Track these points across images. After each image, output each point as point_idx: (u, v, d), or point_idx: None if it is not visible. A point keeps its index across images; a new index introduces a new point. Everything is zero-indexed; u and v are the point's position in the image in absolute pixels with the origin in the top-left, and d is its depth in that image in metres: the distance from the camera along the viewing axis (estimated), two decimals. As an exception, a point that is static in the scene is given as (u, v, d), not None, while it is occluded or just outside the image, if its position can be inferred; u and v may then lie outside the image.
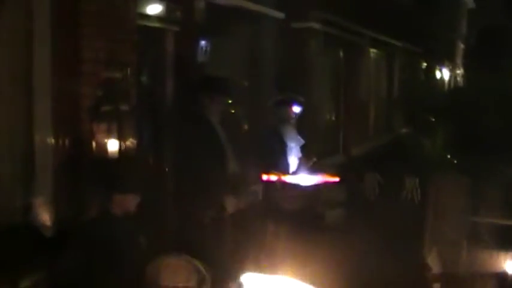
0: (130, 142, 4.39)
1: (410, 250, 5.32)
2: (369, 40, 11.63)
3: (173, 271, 3.11)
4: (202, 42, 5.56)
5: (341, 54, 10.66)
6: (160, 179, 5.06)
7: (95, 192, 3.52)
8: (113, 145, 4.19)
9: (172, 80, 5.29)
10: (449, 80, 24.29)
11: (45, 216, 3.75)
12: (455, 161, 6.52)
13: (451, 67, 24.04)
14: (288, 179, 5.20)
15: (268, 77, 7.30)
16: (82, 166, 3.99)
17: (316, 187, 5.33)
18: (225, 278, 3.25)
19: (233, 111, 6.54)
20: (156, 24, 5.12)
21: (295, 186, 5.18)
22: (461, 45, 25.24)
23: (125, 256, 3.21)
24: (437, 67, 21.25)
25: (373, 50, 12.58)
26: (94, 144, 4.08)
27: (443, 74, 22.66)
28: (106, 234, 3.22)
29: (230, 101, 5.32)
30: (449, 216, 5.19)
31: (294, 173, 5.36)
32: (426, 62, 18.31)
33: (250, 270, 3.15)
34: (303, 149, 5.52)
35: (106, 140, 4.15)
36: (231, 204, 4.53)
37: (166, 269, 3.11)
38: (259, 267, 4.18)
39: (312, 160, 5.50)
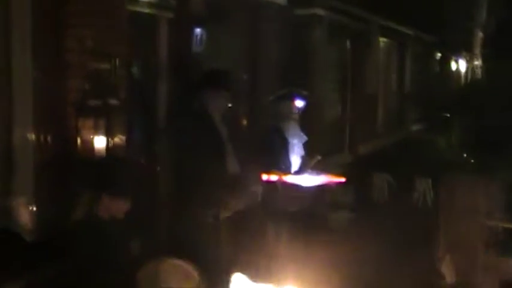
0: (119, 139, 4.42)
1: (421, 257, 5.35)
2: (378, 28, 11.64)
3: (169, 273, 3.21)
4: (198, 31, 5.59)
5: (348, 43, 10.68)
6: (153, 180, 5.12)
7: (80, 194, 3.53)
8: (100, 143, 4.22)
9: (166, 72, 5.33)
10: (466, 72, 24.29)
11: (25, 219, 3.76)
12: (471, 161, 6.49)
13: (468, 58, 24.03)
14: (289, 179, 5.20)
15: (268, 69, 7.31)
16: (66, 165, 4.00)
17: (319, 188, 5.36)
18: (219, 282, 3.31)
19: (230, 105, 6.50)
20: (148, 11, 5.14)
21: (297, 187, 5.19)
22: (480, 34, 25.22)
23: (114, 263, 3.23)
24: (453, 58, 21.26)
25: (382, 39, 12.59)
26: (79, 141, 4.10)
27: (460, 65, 22.67)
28: (93, 240, 3.23)
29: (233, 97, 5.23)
30: (465, 220, 5.22)
31: (296, 172, 5.37)
32: (441, 52, 18.32)
33: (247, 275, 3.20)
34: (306, 146, 5.54)
35: (93, 137, 4.17)
36: (228, 207, 4.58)
37: (162, 272, 3.22)
38: (257, 273, 4.16)
39: (315, 159, 5.50)
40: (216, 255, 4.36)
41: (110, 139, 4.28)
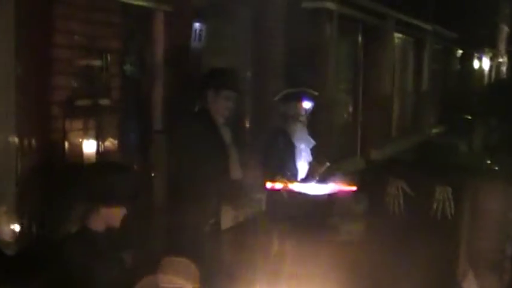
0: (111, 143, 4.42)
1: (441, 272, 5.31)
2: (394, 23, 11.61)
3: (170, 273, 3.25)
4: (197, 25, 5.58)
5: (360, 39, 10.64)
6: (148, 186, 5.14)
7: (69, 203, 3.52)
8: (90, 147, 4.21)
9: (163, 69, 5.32)
10: (490, 70, 24.29)
11: (6, 230, 3.71)
12: (496, 168, 6.42)
13: (492, 55, 24.03)
14: (296, 187, 5.17)
15: (274, 66, 7.31)
16: (53, 171, 3.98)
17: (329, 197, 5.35)
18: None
19: (234, 107, 6.52)
20: (143, 3, 5.14)
21: (305, 196, 5.15)
22: (506, 29, 25.20)
23: (107, 275, 3.22)
24: (476, 55, 21.24)
25: (398, 35, 12.59)
26: (68, 145, 4.07)
27: (483, 63, 22.65)
28: (86, 253, 3.20)
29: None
30: (490, 233, 5.19)
31: (304, 180, 5.35)
32: (462, 48, 18.31)
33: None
34: (314, 151, 5.52)
35: (82, 141, 4.16)
36: (229, 217, 4.62)
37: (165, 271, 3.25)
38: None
39: (324, 165, 5.45)
40: (215, 269, 4.36)
41: (100, 142, 4.28)
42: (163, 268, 3.37)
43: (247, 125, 6.87)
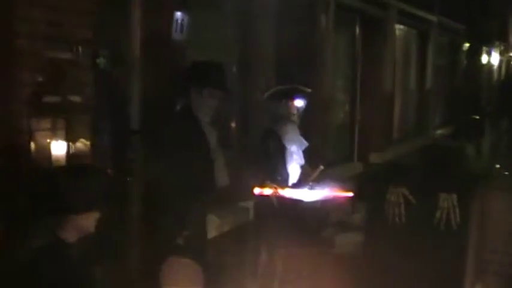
0: (82, 145, 4.38)
1: (446, 286, 5.34)
2: (395, 13, 11.59)
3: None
4: (179, 15, 5.54)
5: (358, 31, 10.61)
6: (123, 192, 5.06)
7: (36, 212, 3.49)
8: (59, 149, 4.16)
9: (140, 63, 5.24)
10: (500, 66, 24.36)
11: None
12: (506, 173, 6.49)
13: (502, 48, 24.08)
14: (287, 193, 5.24)
15: (263, 61, 7.26)
16: (16, 176, 3.92)
17: (323, 204, 5.42)
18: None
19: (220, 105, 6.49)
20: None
21: (297, 203, 5.23)
22: (516, 21, 25.27)
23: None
24: (485, 49, 21.26)
25: (400, 27, 12.56)
26: (33, 147, 4.02)
27: (492, 57, 22.69)
28: (58, 271, 3.21)
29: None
30: (499, 243, 5.23)
31: (295, 185, 5.42)
32: (470, 42, 18.29)
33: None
34: (307, 154, 5.58)
35: (50, 142, 4.12)
36: (213, 226, 4.74)
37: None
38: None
39: (318, 169, 5.52)
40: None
41: (71, 144, 4.25)
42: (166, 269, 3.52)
43: (234, 125, 6.77)
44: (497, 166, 6.65)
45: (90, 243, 3.46)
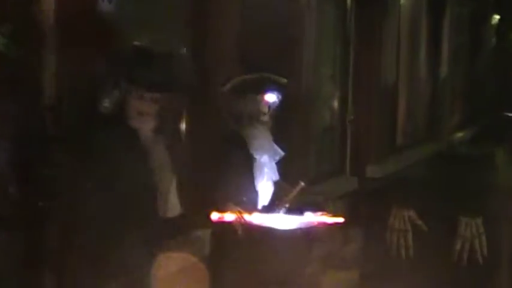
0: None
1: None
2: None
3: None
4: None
5: (349, 4, 9.90)
6: (33, 222, 4.51)
7: None
8: None
9: (54, 45, 4.70)
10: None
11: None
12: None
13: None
14: (255, 219, 4.91)
15: (225, 43, 6.70)
16: None
17: (305, 233, 5.03)
18: None
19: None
20: None
21: (269, 232, 4.87)
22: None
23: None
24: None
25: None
26: None
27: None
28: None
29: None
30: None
31: (267, 208, 5.11)
32: (500, 13, 17.05)
33: None
34: (283, 167, 5.25)
35: None
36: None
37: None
38: None
39: (298, 187, 5.18)
40: None
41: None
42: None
43: (184, 131, 6.34)
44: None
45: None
